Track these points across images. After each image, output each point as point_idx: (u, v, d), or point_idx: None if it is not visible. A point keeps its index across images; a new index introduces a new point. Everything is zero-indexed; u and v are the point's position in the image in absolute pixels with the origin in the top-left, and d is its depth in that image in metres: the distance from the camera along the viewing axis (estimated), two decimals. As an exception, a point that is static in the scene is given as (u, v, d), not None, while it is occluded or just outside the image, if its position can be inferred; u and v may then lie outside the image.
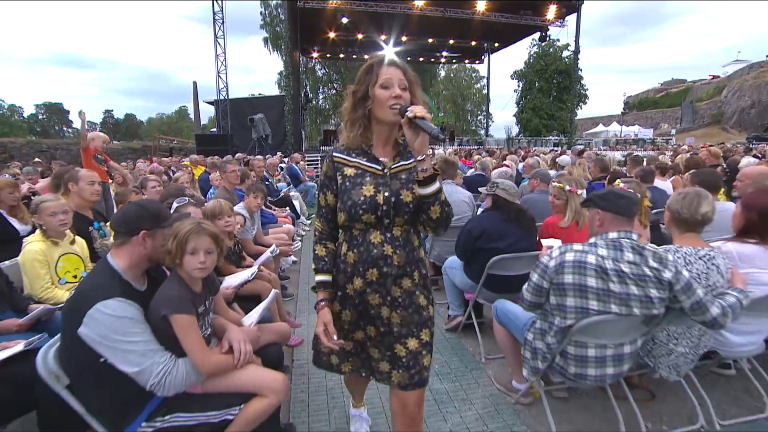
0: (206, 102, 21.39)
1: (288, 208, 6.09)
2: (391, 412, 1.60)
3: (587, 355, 1.85)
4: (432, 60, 29.35)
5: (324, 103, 39.47)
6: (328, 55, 28.56)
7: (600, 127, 39.13)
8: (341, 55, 27.75)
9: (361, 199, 1.33)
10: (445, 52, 28.12)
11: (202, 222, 1.53)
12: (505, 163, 5.67)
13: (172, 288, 1.48)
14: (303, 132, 22.14)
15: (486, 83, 33.55)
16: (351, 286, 1.41)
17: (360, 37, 22.63)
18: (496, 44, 26.41)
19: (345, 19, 19.34)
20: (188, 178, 4.83)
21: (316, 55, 27.91)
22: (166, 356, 1.41)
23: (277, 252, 3.03)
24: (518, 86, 35.00)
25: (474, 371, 2.71)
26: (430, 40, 23.79)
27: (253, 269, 2.40)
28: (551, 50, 31.66)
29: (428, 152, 1.25)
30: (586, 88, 33.76)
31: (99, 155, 4.85)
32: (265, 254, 2.78)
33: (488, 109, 34.32)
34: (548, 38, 24.20)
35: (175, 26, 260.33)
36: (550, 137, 27.01)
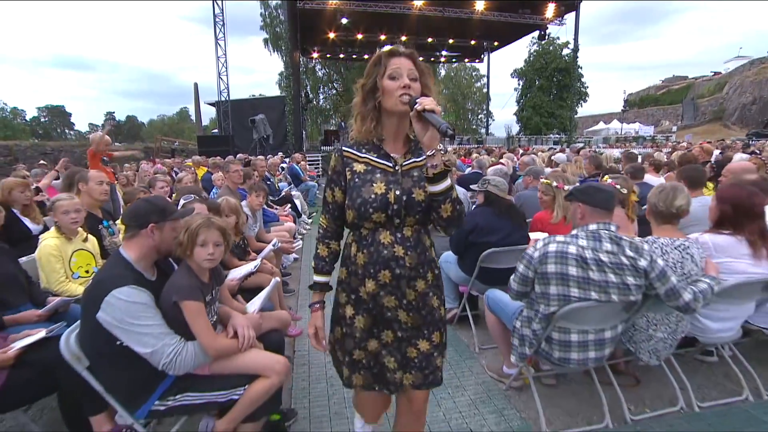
0: (207, 103, 21.57)
1: (289, 206, 6.22)
2: (396, 408, 1.59)
3: (570, 340, 1.97)
4: (432, 59, 29.37)
5: (324, 104, 39.57)
6: (328, 56, 28.67)
7: (601, 125, 39.04)
8: (341, 56, 27.83)
9: (372, 197, 1.27)
10: (444, 52, 28.15)
11: (211, 217, 1.67)
12: (501, 161, 5.79)
13: (183, 277, 1.61)
14: (304, 132, 22.25)
15: (486, 82, 33.67)
16: (364, 289, 1.33)
17: (360, 37, 22.74)
18: (496, 43, 26.46)
19: (344, 20, 19.46)
20: (192, 179, 4.97)
21: (316, 55, 28.02)
22: (176, 339, 1.54)
23: (278, 245, 3.16)
24: (518, 84, 34.90)
25: (468, 360, 2.83)
26: (430, 40, 23.87)
27: (256, 262, 2.53)
28: (551, 48, 31.61)
29: (439, 147, 1.16)
30: (586, 86, 33.65)
31: (105, 157, 4.99)
32: (267, 248, 2.91)
33: (488, 107, 34.42)
34: (547, 37, 24.24)
35: (174, 27, 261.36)
36: (551, 135, 27.04)
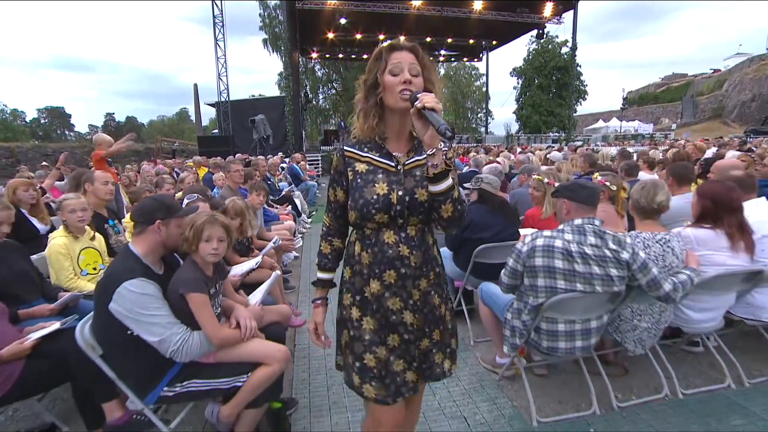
0: (207, 104, 21.69)
1: (290, 206, 6.32)
2: None
3: (557, 329, 2.07)
4: (431, 59, 29.43)
5: (324, 103, 39.64)
6: (327, 56, 28.75)
7: (600, 123, 39.10)
8: (340, 55, 27.92)
9: (374, 197, 1.24)
10: (443, 51, 28.22)
11: (215, 214, 1.77)
12: (497, 160, 5.88)
13: (188, 271, 1.71)
14: (303, 132, 22.38)
15: (485, 81, 33.74)
16: (368, 290, 1.30)
17: (359, 37, 22.84)
18: (494, 42, 26.56)
19: (343, 20, 19.56)
20: (193, 179, 5.06)
21: (315, 55, 28.12)
22: (182, 328, 1.64)
23: (279, 242, 3.27)
24: (517, 83, 34.95)
25: (462, 353, 2.92)
26: (428, 39, 23.89)
27: (257, 259, 2.63)
28: (550, 47, 31.66)
29: (440, 146, 1.12)
30: (585, 84, 33.71)
31: (110, 159, 5.08)
32: (268, 245, 3.01)
33: (487, 106, 34.48)
34: (546, 35, 24.31)
35: (173, 28, 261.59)
36: (550, 134, 27.12)
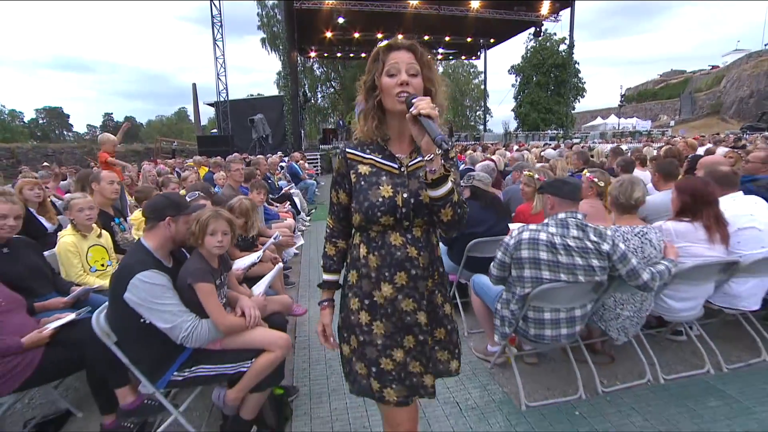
0: (207, 104, 21.76)
1: (289, 204, 6.44)
2: None
3: (544, 318, 2.19)
4: (430, 56, 29.54)
5: (323, 102, 39.76)
6: (326, 55, 28.86)
7: (598, 120, 39.18)
8: (339, 54, 28.02)
9: (379, 200, 1.23)
10: (441, 49, 28.26)
11: (219, 210, 1.90)
12: (491, 158, 6.00)
13: (195, 263, 1.84)
14: (302, 131, 22.48)
15: (483, 78, 33.82)
16: (379, 294, 1.28)
17: (357, 36, 22.92)
18: (492, 40, 26.65)
19: (341, 19, 19.63)
20: (195, 178, 5.19)
21: (313, 54, 28.21)
22: (192, 316, 1.76)
23: (280, 238, 3.39)
24: (516, 81, 35.11)
25: (457, 343, 3.05)
26: (426, 38, 23.97)
27: (258, 253, 2.75)
28: (548, 44, 31.75)
29: (437, 151, 1.08)
30: (583, 82, 33.86)
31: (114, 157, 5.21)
32: (269, 241, 3.14)
33: (486, 104, 34.58)
34: (544, 33, 24.43)
35: (171, 28, 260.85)
36: (548, 131, 27.23)
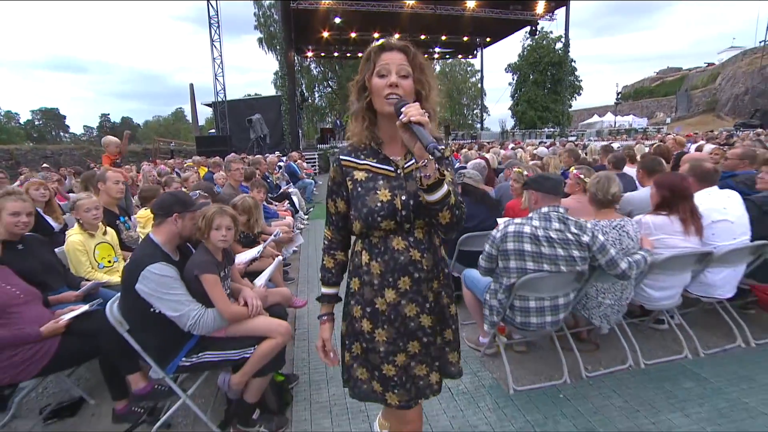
0: (204, 104, 21.84)
1: (288, 203, 6.57)
2: None
3: (529, 306, 2.32)
4: (425, 56, 29.68)
5: (320, 102, 39.84)
6: (323, 54, 28.98)
7: (595, 118, 39.35)
8: (335, 54, 28.13)
9: (378, 205, 1.21)
10: (437, 48, 28.42)
11: (223, 206, 2.03)
12: (485, 155, 6.14)
13: (201, 255, 1.97)
14: (300, 131, 22.55)
15: (480, 77, 33.93)
16: (382, 300, 1.27)
17: (353, 35, 23.03)
18: (488, 39, 26.80)
19: (338, 19, 19.72)
20: (196, 178, 5.31)
21: (310, 54, 28.33)
22: (198, 305, 1.89)
23: (280, 235, 3.53)
24: (513, 79, 35.25)
25: (449, 334, 3.18)
26: (423, 37, 24.12)
27: (258, 248, 2.88)
28: (544, 43, 31.90)
29: (430, 156, 1.05)
30: (580, 80, 34.03)
31: (118, 160, 5.32)
32: (269, 238, 3.27)
33: (483, 102, 34.69)
34: (540, 31, 24.57)
35: (167, 27, 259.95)
36: (545, 129, 27.39)
